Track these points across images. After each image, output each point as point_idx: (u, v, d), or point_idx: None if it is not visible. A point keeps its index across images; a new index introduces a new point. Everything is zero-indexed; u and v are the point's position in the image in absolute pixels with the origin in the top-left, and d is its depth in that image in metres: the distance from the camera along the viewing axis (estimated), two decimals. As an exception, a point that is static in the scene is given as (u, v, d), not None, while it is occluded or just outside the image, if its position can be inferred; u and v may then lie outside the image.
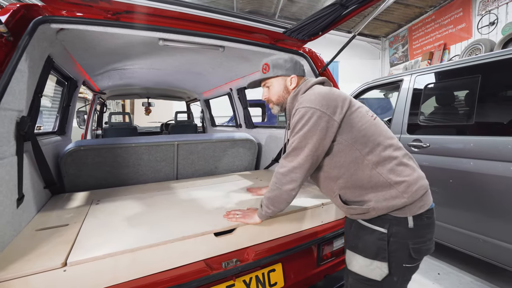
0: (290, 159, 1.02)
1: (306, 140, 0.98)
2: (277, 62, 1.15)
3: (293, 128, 1.02)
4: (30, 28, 0.93)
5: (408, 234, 0.97)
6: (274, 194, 1.06)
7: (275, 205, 1.07)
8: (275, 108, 1.21)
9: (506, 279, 2.09)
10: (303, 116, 0.98)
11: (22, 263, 0.86)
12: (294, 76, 1.15)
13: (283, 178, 1.02)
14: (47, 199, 1.53)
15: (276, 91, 1.17)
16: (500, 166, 1.81)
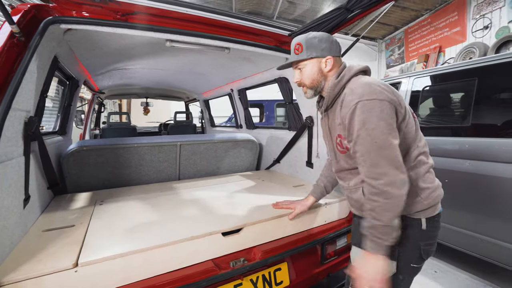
0: (377, 164, 0.86)
1: (387, 135, 0.85)
2: (311, 42, 1.02)
3: (358, 124, 0.87)
4: (41, 29, 0.93)
5: (420, 235, 0.98)
6: (387, 211, 0.85)
7: (389, 211, 0.86)
8: (309, 93, 1.09)
9: (502, 277, 2.15)
10: (373, 111, 0.85)
11: (33, 264, 0.86)
12: (330, 57, 1.02)
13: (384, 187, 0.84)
14: (50, 200, 1.53)
15: (310, 74, 1.04)
16: (495, 167, 1.86)
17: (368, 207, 0.88)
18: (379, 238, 0.87)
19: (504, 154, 1.83)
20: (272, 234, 1.27)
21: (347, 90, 0.96)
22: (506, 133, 1.89)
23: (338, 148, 1.05)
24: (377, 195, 0.85)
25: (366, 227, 0.89)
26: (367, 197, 0.89)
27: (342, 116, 0.94)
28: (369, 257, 0.89)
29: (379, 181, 0.85)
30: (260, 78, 2.35)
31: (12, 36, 0.86)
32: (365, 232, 0.90)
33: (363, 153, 0.88)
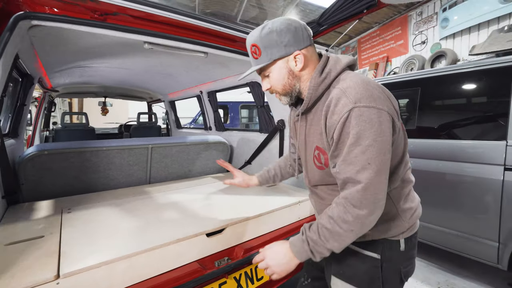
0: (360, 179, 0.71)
1: (383, 156, 0.71)
2: (269, 40, 0.78)
3: (352, 138, 0.70)
4: (11, 24, 0.86)
5: (400, 258, 0.86)
6: (350, 232, 0.73)
7: (341, 242, 0.75)
8: (284, 100, 0.89)
9: (440, 256, 2.52)
10: (372, 122, 0.69)
11: (6, 280, 0.79)
12: (299, 52, 0.80)
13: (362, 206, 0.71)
14: (3, 211, 1.37)
15: (279, 80, 0.84)
16: (434, 163, 2.21)
17: (326, 225, 0.75)
18: (312, 253, 0.77)
19: (439, 152, 2.18)
20: (252, 232, 1.33)
21: (336, 90, 0.76)
22: (441, 135, 2.25)
23: (315, 163, 0.88)
24: (346, 223, 0.72)
25: (309, 235, 0.77)
26: (333, 215, 0.74)
27: (329, 126, 0.76)
28: (287, 252, 0.81)
29: (358, 211, 0.70)
30: (231, 81, 2.39)
31: (-21, 31, 0.78)
32: (303, 235, 0.80)
33: (351, 175, 0.71)
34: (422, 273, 2.31)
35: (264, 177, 1.31)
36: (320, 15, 1.34)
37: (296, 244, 0.81)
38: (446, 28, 5.31)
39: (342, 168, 0.73)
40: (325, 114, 0.77)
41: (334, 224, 0.74)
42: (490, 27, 4.62)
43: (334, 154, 0.77)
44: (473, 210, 1.97)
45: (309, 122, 0.89)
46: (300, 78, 0.85)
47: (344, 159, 0.72)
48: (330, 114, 0.75)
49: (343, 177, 0.74)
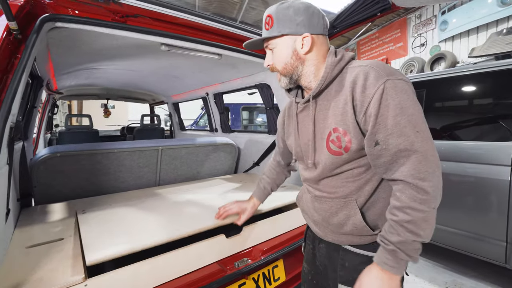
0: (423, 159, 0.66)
1: (426, 124, 0.69)
2: (284, 13, 0.78)
3: (395, 109, 0.66)
4: (37, 26, 0.86)
5: None
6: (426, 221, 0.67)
7: (430, 226, 0.68)
8: (283, 81, 0.85)
9: (445, 256, 2.55)
10: (408, 92, 0.68)
11: (35, 282, 0.79)
12: (308, 35, 0.77)
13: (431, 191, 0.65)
14: (18, 214, 1.36)
15: (282, 57, 0.81)
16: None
17: (405, 218, 0.66)
18: (409, 256, 0.67)
19: (446, 154, 2.21)
20: (270, 233, 1.34)
21: (354, 71, 0.73)
22: (447, 136, 2.28)
23: (331, 148, 0.78)
24: (425, 202, 0.65)
25: (394, 241, 0.67)
26: (407, 204, 0.66)
27: (361, 101, 0.70)
28: (383, 278, 0.69)
29: (429, 182, 0.65)
30: (240, 83, 2.40)
31: (9, 33, 0.78)
32: (387, 246, 0.69)
33: (405, 146, 0.66)
34: (429, 273, 2.33)
35: (261, 195, 1.22)
36: (334, 18, 1.36)
37: (386, 261, 0.69)
38: (445, 31, 5.38)
39: (392, 142, 0.67)
40: (352, 91, 0.72)
41: (414, 211, 0.65)
42: (488, 30, 4.70)
43: (373, 131, 0.69)
44: (480, 210, 2.00)
45: (319, 107, 0.81)
46: (303, 61, 0.80)
47: (392, 132, 0.67)
48: (362, 89, 0.70)
49: (394, 151, 0.67)
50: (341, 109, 0.74)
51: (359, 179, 0.78)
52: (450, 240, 2.19)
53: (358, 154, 0.76)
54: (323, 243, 0.94)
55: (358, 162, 0.77)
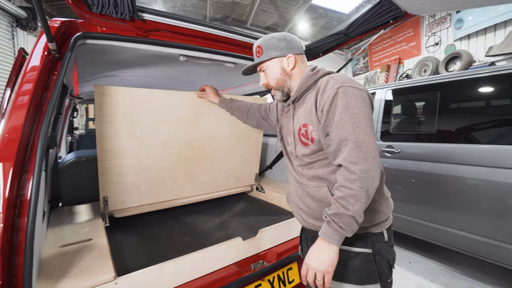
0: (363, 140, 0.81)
1: (369, 122, 0.84)
2: (270, 42, 1.00)
3: (341, 108, 0.84)
4: (71, 44, 0.94)
5: (386, 248, 0.95)
6: (362, 200, 0.80)
7: (359, 204, 0.81)
8: (277, 94, 1.06)
9: (462, 261, 2.51)
10: (356, 96, 0.84)
11: (71, 279, 0.87)
12: (291, 55, 1.00)
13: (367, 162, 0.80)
14: (49, 214, 1.46)
15: (274, 75, 1.02)
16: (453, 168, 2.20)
17: (339, 195, 0.82)
18: (341, 228, 0.80)
19: (459, 156, 2.18)
20: (284, 236, 1.38)
21: (323, 80, 0.93)
22: (462, 139, 2.25)
23: (301, 140, 0.98)
24: (353, 182, 0.79)
25: (330, 214, 0.83)
26: (341, 183, 0.82)
27: (319, 102, 0.90)
28: (322, 246, 0.84)
29: (358, 166, 0.80)
30: (252, 88, 2.45)
31: (48, 53, 0.86)
32: (326, 218, 0.84)
33: (344, 137, 0.83)
34: (445, 279, 2.31)
35: (223, 102, 1.62)
36: (347, 26, 1.39)
37: (324, 231, 0.84)
38: (461, 29, 5.26)
39: (336, 133, 0.85)
40: (315, 95, 0.92)
41: (345, 189, 0.81)
42: (507, 28, 4.55)
43: (325, 124, 0.88)
44: (498, 215, 1.96)
45: (297, 109, 1.02)
46: (290, 76, 1.02)
47: (336, 125, 0.85)
48: (321, 93, 0.90)
49: (336, 140, 0.85)
50: (309, 109, 0.95)
51: (326, 168, 0.95)
52: (467, 246, 2.15)
53: (321, 146, 0.92)
54: (314, 242, 1.00)
55: (324, 154, 0.94)
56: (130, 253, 1.21)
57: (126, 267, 1.05)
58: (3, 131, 0.78)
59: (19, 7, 4.25)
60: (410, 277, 2.35)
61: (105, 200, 1.49)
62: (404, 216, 2.56)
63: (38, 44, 0.87)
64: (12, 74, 1.64)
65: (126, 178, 1.55)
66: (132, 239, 1.36)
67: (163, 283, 0.98)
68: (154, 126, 1.56)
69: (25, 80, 0.79)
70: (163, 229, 1.49)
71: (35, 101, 0.79)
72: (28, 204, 0.71)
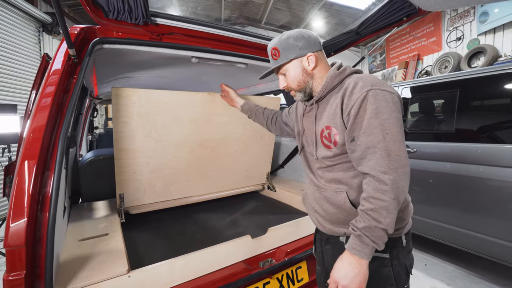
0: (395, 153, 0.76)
1: (399, 129, 0.79)
2: (286, 43, 0.94)
3: (371, 113, 0.79)
4: (90, 49, 1.00)
5: (404, 254, 0.92)
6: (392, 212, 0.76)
7: (391, 215, 0.77)
8: (299, 96, 1.00)
9: (483, 266, 2.40)
10: (387, 101, 0.78)
11: (88, 271, 0.92)
12: (311, 54, 0.93)
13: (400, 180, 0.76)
14: (70, 210, 1.55)
15: (294, 77, 0.96)
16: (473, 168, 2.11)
17: (369, 207, 0.77)
18: (373, 242, 0.76)
19: (480, 156, 2.08)
20: (293, 235, 1.39)
21: (350, 81, 0.87)
22: (484, 138, 2.15)
23: (324, 142, 0.93)
24: (385, 193, 0.75)
25: (360, 227, 0.78)
26: (371, 194, 0.77)
27: (346, 104, 0.84)
28: (351, 261, 0.79)
29: (389, 176, 0.75)
30: (264, 87, 2.47)
31: (68, 58, 0.92)
32: (355, 232, 0.79)
33: (372, 144, 0.78)
34: (463, 283, 2.22)
35: (245, 108, 1.50)
36: (359, 25, 1.37)
37: (354, 246, 0.79)
38: (485, 23, 4.99)
39: (363, 139, 0.80)
40: (342, 96, 0.86)
41: (376, 200, 0.76)
42: (536, 20, 4.28)
43: (352, 128, 0.83)
44: (521, 218, 1.87)
45: (321, 109, 0.97)
46: (312, 76, 0.96)
47: (364, 131, 0.80)
48: (349, 95, 0.84)
49: (364, 147, 0.80)
50: (333, 110, 0.89)
51: (347, 172, 0.90)
52: (489, 250, 2.06)
53: (345, 149, 0.88)
54: (328, 244, 1.02)
55: (347, 157, 0.89)
56: (144, 248, 1.27)
57: (140, 261, 1.11)
58: (29, 131, 0.84)
59: (44, 13, 4.49)
60: (426, 280, 2.28)
61: (121, 197, 1.55)
62: (420, 218, 2.49)
63: (60, 50, 0.93)
64: (37, 77, 1.74)
65: (141, 176, 1.62)
66: (146, 234, 1.42)
67: (174, 277, 1.02)
68: (168, 126, 1.61)
69: (47, 84, 0.85)
70: (176, 226, 1.54)
71: (56, 103, 0.85)
72: (49, 200, 0.76)
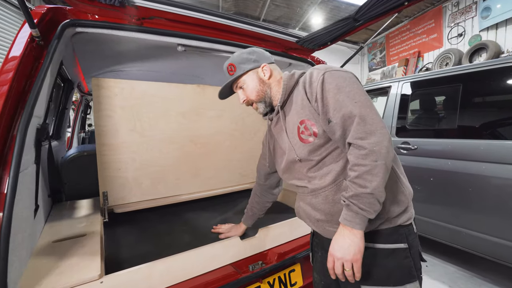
0: (368, 114, 0.76)
1: (366, 96, 0.80)
2: (240, 58, 0.98)
3: (334, 90, 0.80)
4: (59, 32, 0.90)
5: (416, 240, 0.89)
6: (379, 175, 0.74)
7: (377, 178, 0.74)
8: (260, 107, 1.00)
9: (486, 267, 2.32)
10: (344, 77, 0.81)
11: (55, 276, 0.83)
12: (265, 64, 0.97)
13: (381, 141, 0.74)
14: (50, 209, 1.46)
15: (253, 88, 0.97)
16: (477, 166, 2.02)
17: (353, 175, 0.76)
18: (362, 209, 0.74)
19: (482, 153, 1.99)
20: (286, 235, 1.30)
21: (305, 75, 0.90)
22: (487, 134, 2.06)
23: (303, 138, 0.90)
24: (365, 157, 0.74)
25: (348, 196, 0.77)
26: (353, 162, 0.77)
27: (310, 93, 0.86)
28: (344, 233, 0.77)
29: (367, 140, 0.74)
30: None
31: (32, 40, 0.83)
32: (344, 201, 0.78)
33: (347, 115, 0.77)
34: (466, 285, 2.14)
35: (248, 221, 1.32)
36: (356, 10, 1.27)
37: (345, 217, 0.78)
38: (488, 19, 4.90)
39: (337, 115, 0.79)
40: (303, 88, 0.89)
41: (358, 167, 0.75)
42: (540, 15, 4.19)
43: (324, 111, 0.83)
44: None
45: (287, 113, 0.96)
46: (269, 85, 0.99)
47: (334, 108, 0.80)
48: (308, 85, 0.86)
49: (340, 123, 0.79)
50: (300, 105, 0.90)
51: (340, 159, 0.86)
52: (492, 250, 1.98)
53: (327, 137, 0.86)
54: (322, 245, 0.99)
55: (333, 145, 0.86)
56: (126, 250, 1.18)
57: (118, 265, 1.02)
58: None
59: (36, 7, 4.38)
60: (427, 281, 2.20)
61: (104, 195, 1.47)
62: (421, 217, 2.40)
63: (21, 32, 0.84)
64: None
65: (126, 173, 1.53)
66: (130, 235, 1.33)
67: (153, 284, 0.93)
68: (154, 120, 1.52)
69: (4, 69, 0.76)
70: (163, 226, 1.45)
71: (15, 91, 0.76)
72: (4, 198, 0.67)
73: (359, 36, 8.75)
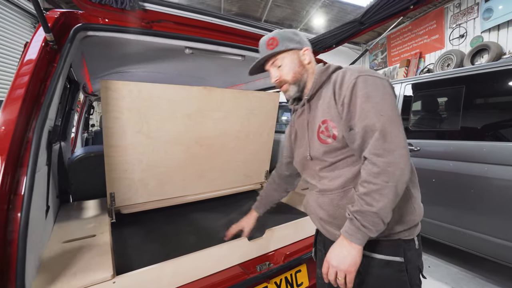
0: (391, 133, 0.73)
1: (394, 111, 0.76)
2: (286, 34, 0.93)
3: (362, 98, 0.77)
4: (71, 36, 0.92)
5: (416, 256, 0.87)
6: (387, 197, 0.72)
7: (384, 200, 0.72)
8: (292, 89, 0.95)
9: (488, 268, 2.33)
10: (377, 85, 0.77)
11: (69, 277, 0.85)
12: (308, 48, 0.94)
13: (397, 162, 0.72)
14: (58, 209, 1.48)
15: (291, 67, 0.92)
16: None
17: (362, 191, 0.75)
18: (364, 227, 0.73)
19: (485, 155, 2.00)
20: (292, 236, 1.31)
21: (338, 74, 0.87)
22: (488, 136, 2.07)
23: (321, 138, 0.88)
24: (377, 176, 0.72)
25: (353, 210, 0.76)
26: (364, 178, 0.75)
27: (338, 95, 0.83)
28: (343, 243, 0.77)
29: (383, 158, 0.72)
30: (263, 83, 2.39)
31: (46, 44, 0.84)
32: (348, 215, 0.78)
33: (369, 128, 0.75)
34: (468, 286, 2.15)
35: (260, 208, 1.31)
36: (362, 14, 1.28)
37: (346, 229, 0.78)
38: (489, 20, 4.91)
39: (359, 125, 0.77)
40: (333, 88, 0.85)
41: (368, 184, 0.74)
42: (542, 17, 4.20)
43: (347, 117, 0.80)
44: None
45: (313, 108, 0.94)
46: (307, 70, 0.95)
47: (359, 117, 0.77)
48: (339, 86, 0.83)
49: (361, 133, 0.77)
50: (327, 104, 0.87)
51: (354, 166, 0.84)
52: (494, 251, 1.99)
53: (346, 142, 0.83)
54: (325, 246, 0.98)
55: (350, 151, 0.84)
56: (134, 250, 1.19)
57: (128, 265, 1.03)
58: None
59: (40, 8, 4.40)
60: (429, 282, 2.21)
61: (112, 196, 1.48)
62: (423, 218, 2.40)
63: (36, 36, 0.86)
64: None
65: (133, 174, 1.54)
66: (137, 236, 1.34)
67: (163, 283, 0.94)
68: (161, 121, 1.53)
69: (21, 73, 0.77)
70: (169, 227, 1.47)
71: (31, 94, 0.78)
72: (21, 199, 0.69)
73: (361, 37, 8.78)
